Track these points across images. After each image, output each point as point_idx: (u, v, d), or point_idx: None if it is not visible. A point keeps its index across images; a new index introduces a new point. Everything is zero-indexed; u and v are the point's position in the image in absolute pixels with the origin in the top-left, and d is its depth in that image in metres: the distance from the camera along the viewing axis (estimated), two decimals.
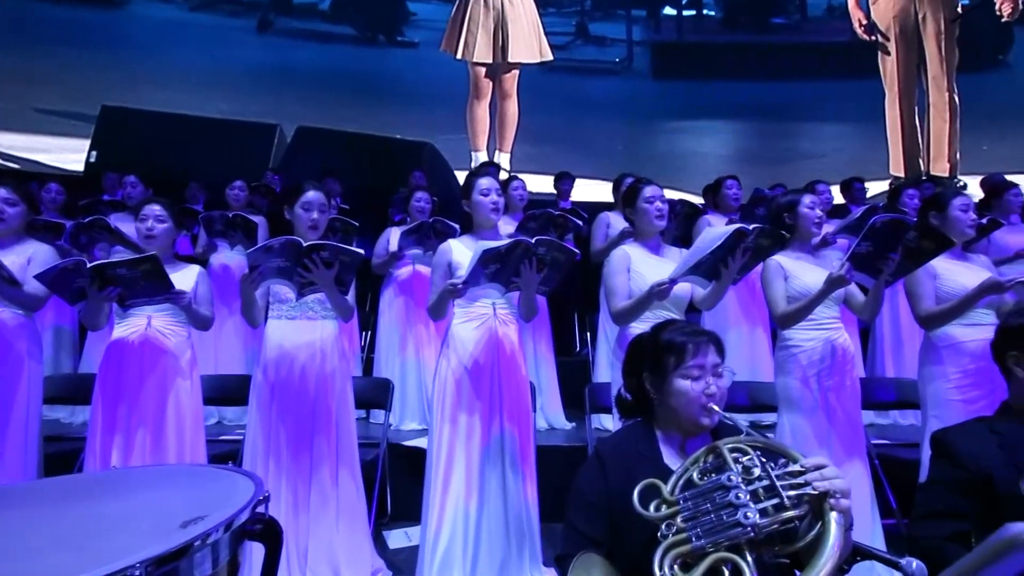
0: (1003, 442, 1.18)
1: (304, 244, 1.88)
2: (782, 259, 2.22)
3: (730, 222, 3.26)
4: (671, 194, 5.45)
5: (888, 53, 7.14)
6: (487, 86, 6.66)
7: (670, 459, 1.17)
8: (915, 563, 0.95)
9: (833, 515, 0.83)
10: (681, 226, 3.36)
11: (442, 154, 6.31)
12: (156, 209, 2.13)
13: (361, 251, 1.95)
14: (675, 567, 0.93)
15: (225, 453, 2.46)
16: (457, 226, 3.12)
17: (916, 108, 7.08)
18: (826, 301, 2.16)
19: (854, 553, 1.07)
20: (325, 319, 2.10)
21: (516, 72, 6.67)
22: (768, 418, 2.60)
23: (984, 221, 2.97)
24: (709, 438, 1.15)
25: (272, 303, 2.10)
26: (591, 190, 5.70)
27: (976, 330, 2.10)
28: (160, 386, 2.06)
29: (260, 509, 1.02)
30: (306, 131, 5.90)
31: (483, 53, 6.51)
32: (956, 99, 6.97)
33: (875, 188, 5.23)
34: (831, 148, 7.36)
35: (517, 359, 2.04)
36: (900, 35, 7.09)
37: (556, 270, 1.95)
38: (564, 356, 3.51)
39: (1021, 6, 5.46)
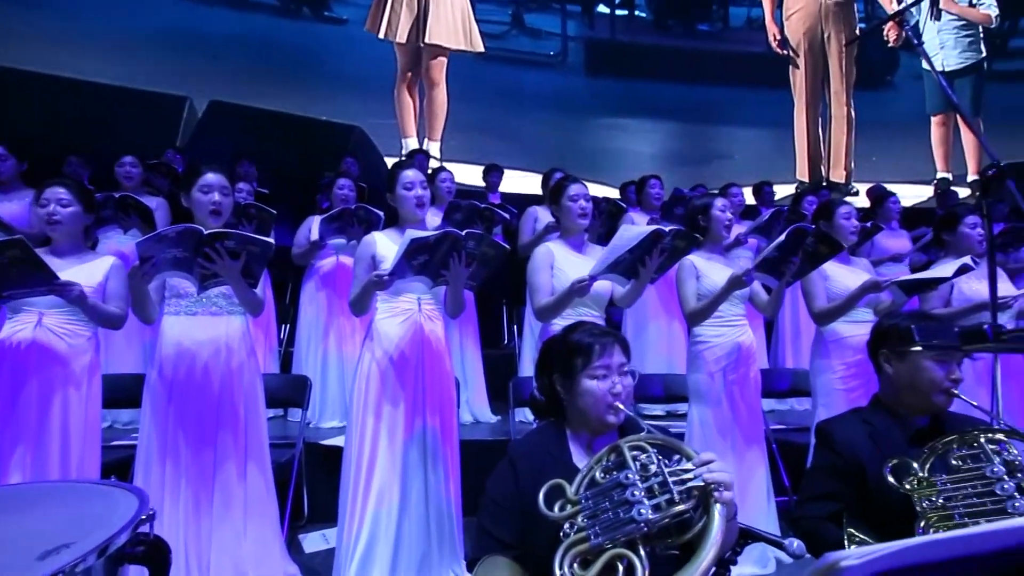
0: (873, 432, 1.32)
1: (205, 232, 1.73)
2: (695, 259, 2.35)
3: (651, 221, 3.41)
4: (601, 190, 5.62)
5: (797, 67, 7.72)
6: (413, 70, 6.50)
7: (578, 458, 1.20)
8: (796, 542, 1.04)
9: (717, 507, 0.89)
10: (606, 224, 3.46)
11: (372, 139, 6.09)
12: (60, 192, 1.89)
13: (271, 240, 1.80)
14: (575, 565, 0.95)
15: (118, 461, 2.24)
16: (382, 214, 3.02)
17: (820, 119, 7.73)
18: (733, 300, 2.31)
19: (744, 536, 1.15)
20: (231, 314, 1.96)
21: (444, 59, 6.55)
22: (683, 408, 2.75)
23: (868, 226, 3.31)
24: (616, 436, 1.19)
25: (168, 297, 1.92)
26: (522, 183, 5.73)
27: (857, 326, 2.33)
28: (44, 395, 1.84)
29: (144, 529, 0.94)
30: (220, 106, 5.46)
31: (403, 33, 6.34)
32: (852, 113, 7.69)
33: (783, 191, 5.66)
34: (746, 151, 7.85)
35: (442, 355, 2.00)
36: (808, 51, 7.69)
37: (485, 265, 1.93)
38: (490, 349, 3.52)
39: (904, 35, 6.16)
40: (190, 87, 5.78)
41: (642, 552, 0.93)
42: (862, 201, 5.76)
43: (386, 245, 1.97)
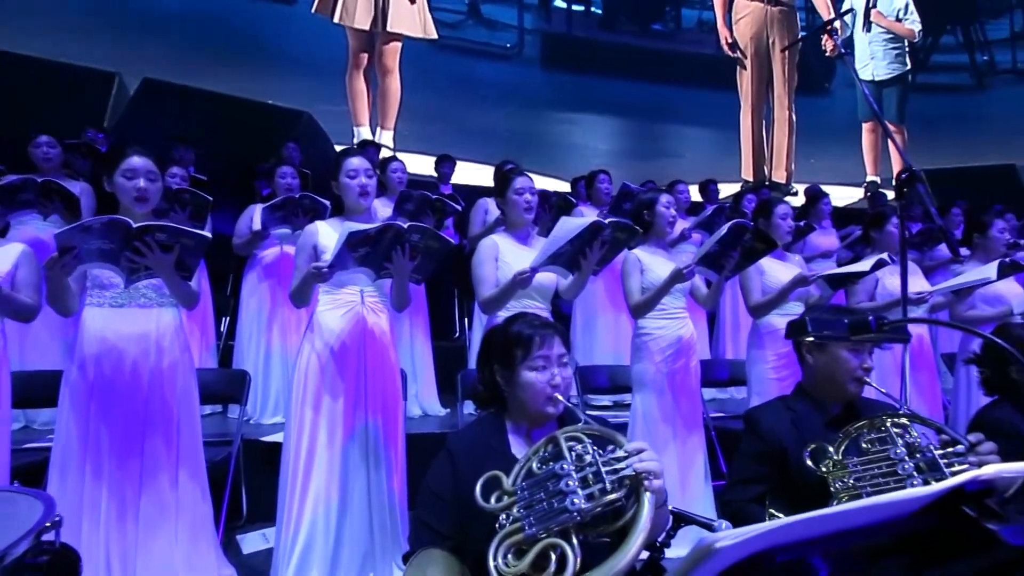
0: (795, 418, 1.39)
1: (134, 225, 1.61)
2: (640, 253, 2.41)
3: (600, 216, 3.46)
4: (554, 184, 5.65)
5: (744, 68, 8.03)
6: (365, 56, 6.32)
7: (518, 449, 1.21)
8: (724, 524, 1.09)
9: (647, 495, 0.92)
10: (555, 218, 3.49)
11: (322, 126, 5.88)
12: None
13: (207, 233, 1.71)
14: (509, 556, 0.96)
15: (32, 465, 2.09)
16: (328, 203, 2.93)
17: (764, 121, 8.08)
18: (675, 293, 2.38)
19: (677, 519, 1.20)
20: (162, 307, 1.84)
21: (398, 45, 6.40)
22: (629, 398, 2.82)
23: (802, 225, 3.49)
24: (555, 427, 1.21)
25: (91, 288, 1.78)
26: (476, 174, 5.69)
27: (788, 319, 2.45)
28: None
29: (48, 537, 0.87)
30: (154, 85, 5.10)
31: (362, 18, 6.15)
32: (793, 117, 8.08)
33: (729, 190, 5.89)
34: (695, 150, 8.11)
35: (386, 348, 1.96)
36: (755, 55, 8.00)
37: (430, 258, 1.89)
38: (441, 341, 3.50)
39: (839, 47, 6.59)
40: (122, 63, 5.38)
41: (575, 541, 0.94)
42: (801, 201, 6.07)
43: (328, 235, 1.91)
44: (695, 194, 4.64)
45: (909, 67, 8.26)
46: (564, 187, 5.06)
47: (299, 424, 1.87)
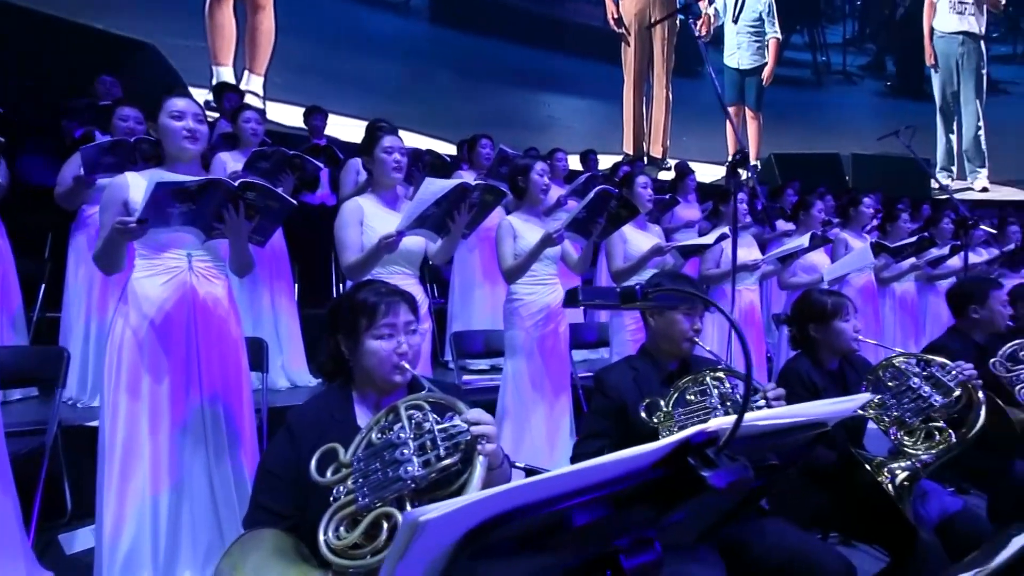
0: (636, 376, 1.50)
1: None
2: (513, 219, 2.42)
3: (479, 179, 3.42)
4: (438, 146, 5.47)
5: (628, 44, 8.35)
6: None
7: (364, 420, 1.16)
8: None
9: (480, 459, 0.93)
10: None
11: (170, 62, 5.10)
12: None
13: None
14: (341, 528, 0.93)
15: None
16: None
17: (644, 98, 8.52)
18: (545, 260, 2.44)
19: (529, 474, 1.24)
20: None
21: None
22: (501, 362, 2.88)
23: (667, 197, 3.76)
24: (404, 394, 1.18)
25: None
26: (354, 130, 5.33)
27: None
28: None
29: None
30: None
31: None
32: (670, 96, 8.64)
33: (610, 161, 6.14)
34: (581, 121, 8.34)
35: (224, 321, 1.73)
36: (638, 32, 8.34)
37: (270, 218, 1.71)
38: (311, 308, 3.28)
39: (711, 31, 7.13)
40: None
41: (409, 508, 0.93)
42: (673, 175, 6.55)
43: (140, 188, 1.62)
44: (577, 164, 4.77)
45: (768, 60, 9.18)
46: (447, 150, 4.93)
47: (113, 412, 1.62)
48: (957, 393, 1.46)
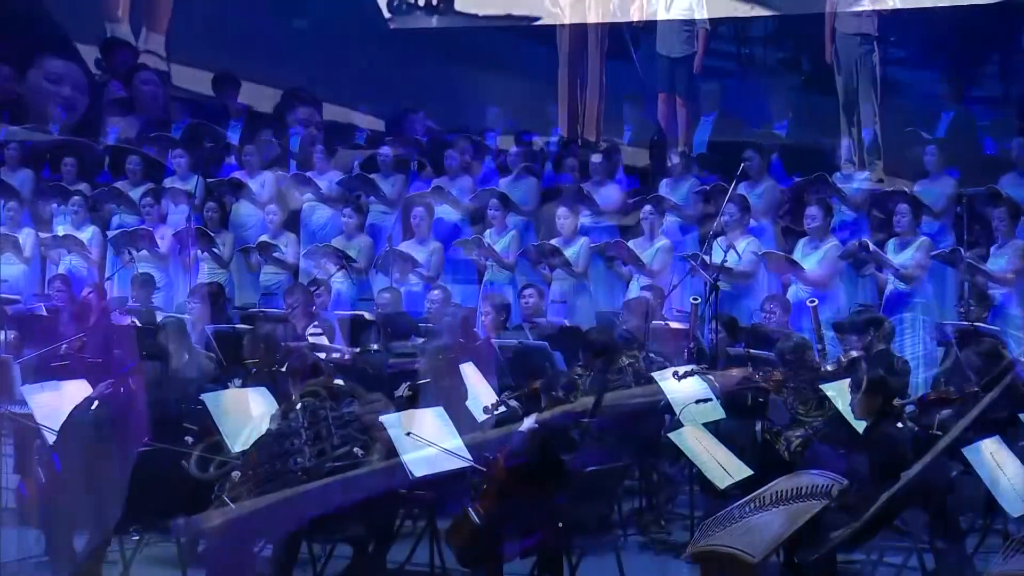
0: None
1: None
2: None
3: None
4: (362, 118, 5.09)
5: (563, 26, 8.32)
6: None
7: None
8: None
9: (376, 445, 0.89)
10: None
11: (52, 15, 4.51)
12: None
13: None
14: None
15: None
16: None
17: (579, 80, 8.57)
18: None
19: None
20: None
21: None
22: None
23: None
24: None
25: None
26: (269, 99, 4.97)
27: None
28: None
29: None
30: None
31: None
32: (604, 80, 8.73)
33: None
34: (514, 100, 8.22)
35: None
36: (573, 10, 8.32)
37: None
38: None
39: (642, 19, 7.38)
40: None
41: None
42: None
43: None
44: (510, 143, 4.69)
45: (696, 50, 9.48)
46: (377, 124, 4.74)
47: None
48: None
